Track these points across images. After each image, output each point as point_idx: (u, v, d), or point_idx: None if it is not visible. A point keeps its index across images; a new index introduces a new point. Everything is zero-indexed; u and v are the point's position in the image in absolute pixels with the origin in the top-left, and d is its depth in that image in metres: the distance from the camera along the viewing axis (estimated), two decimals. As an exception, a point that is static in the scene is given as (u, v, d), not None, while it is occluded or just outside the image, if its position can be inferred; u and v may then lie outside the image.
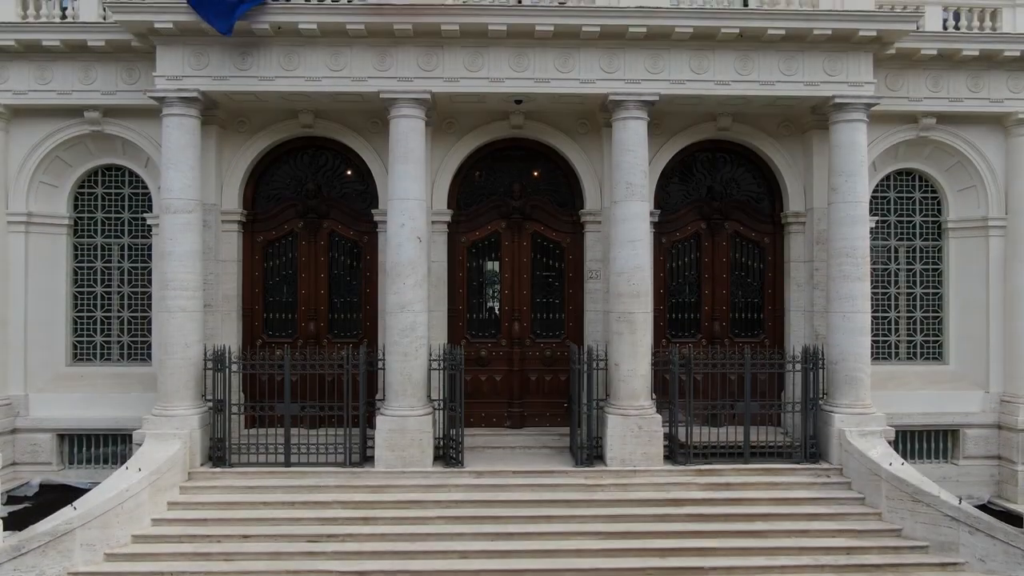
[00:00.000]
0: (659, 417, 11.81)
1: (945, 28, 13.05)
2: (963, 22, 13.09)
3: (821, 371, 12.21)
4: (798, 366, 12.12)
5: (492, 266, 13.53)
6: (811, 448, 11.98)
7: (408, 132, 11.81)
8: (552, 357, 13.41)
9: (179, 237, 11.63)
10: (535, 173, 13.58)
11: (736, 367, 11.98)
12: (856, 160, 12.05)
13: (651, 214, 12.69)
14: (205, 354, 11.92)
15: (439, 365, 12.08)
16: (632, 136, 11.93)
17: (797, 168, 13.29)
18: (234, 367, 11.87)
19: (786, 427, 12.93)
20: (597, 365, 12.06)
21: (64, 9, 12.65)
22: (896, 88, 12.96)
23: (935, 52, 12.63)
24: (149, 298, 13.30)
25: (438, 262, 13.02)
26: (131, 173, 13.36)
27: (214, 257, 12.65)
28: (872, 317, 12.88)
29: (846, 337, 12.01)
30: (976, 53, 12.68)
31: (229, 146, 12.92)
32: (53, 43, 12.17)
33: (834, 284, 12.15)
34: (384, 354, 11.94)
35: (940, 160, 13.64)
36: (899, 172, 13.84)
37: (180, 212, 11.65)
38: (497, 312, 13.50)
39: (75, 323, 13.41)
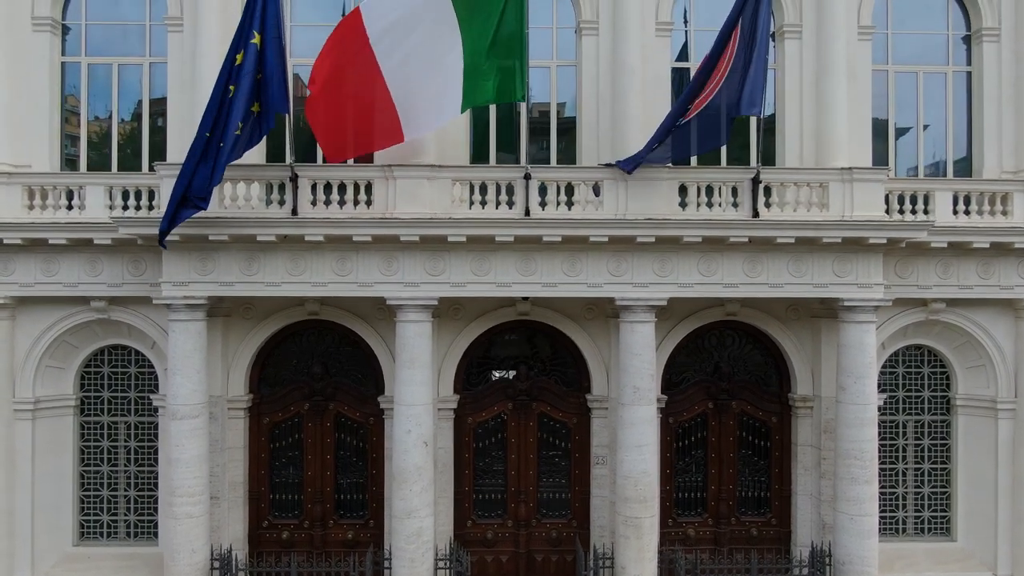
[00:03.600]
0: (665, 623, 11.81)
1: (955, 212, 12.91)
2: (973, 206, 12.97)
3: (828, 568, 12.20)
4: (805, 570, 12.09)
5: (498, 447, 13.47)
6: (818, 651, 11.97)
7: (415, 337, 11.78)
8: (558, 538, 13.37)
9: (186, 444, 11.64)
10: (541, 353, 13.52)
11: (742, 572, 11.94)
12: (865, 362, 11.98)
13: (658, 400, 12.66)
14: (212, 553, 11.95)
15: (445, 565, 12.10)
16: (640, 340, 11.88)
17: (805, 352, 13.21)
18: (241, 575, 11.88)
19: (793, 615, 12.89)
20: (603, 564, 12.08)
21: (70, 199, 12.61)
22: (905, 276, 12.87)
23: (945, 244, 12.54)
24: (155, 477, 13.30)
25: (444, 449, 12.99)
26: (137, 352, 13.33)
27: (220, 447, 12.64)
28: (880, 492, 12.88)
29: (853, 540, 11.95)
30: (987, 245, 12.59)
31: (235, 333, 12.90)
32: (59, 241, 12.16)
33: (841, 485, 12.09)
34: (390, 555, 11.94)
35: (949, 338, 13.55)
36: (908, 347, 13.74)
37: (187, 418, 11.65)
38: (503, 493, 13.44)
39: (82, 501, 13.42)
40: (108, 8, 13.39)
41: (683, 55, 13.66)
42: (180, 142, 12.87)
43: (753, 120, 12.97)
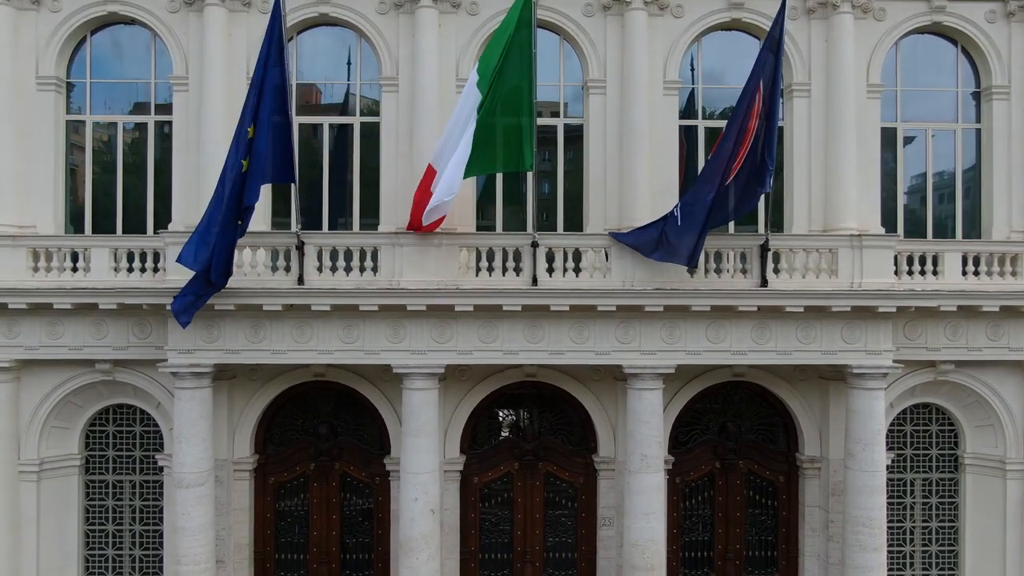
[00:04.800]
0: None
1: (964, 273, 12.85)
2: (983, 266, 12.89)
3: (836, 634, 12.17)
4: (813, 638, 12.05)
5: (504, 507, 13.41)
6: None
7: (422, 404, 11.74)
8: (564, 599, 13.36)
9: (192, 512, 11.60)
10: (548, 413, 13.47)
11: (751, 640, 11.92)
12: (873, 428, 11.93)
13: (665, 461, 12.60)
14: (217, 620, 11.94)
15: (452, 633, 12.07)
16: (647, 407, 11.84)
17: (813, 413, 13.15)
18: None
19: (800, 678, 12.86)
20: (610, 631, 12.04)
21: (75, 260, 12.55)
22: (914, 338, 12.81)
23: (955, 308, 12.46)
24: (161, 536, 13.24)
25: (450, 510, 12.93)
26: (142, 411, 13.29)
27: (225, 510, 12.60)
28: (887, 550, 12.77)
29: (862, 608, 11.91)
30: (996, 309, 12.52)
31: (241, 395, 12.85)
32: (64, 306, 12.10)
33: (850, 551, 12.04)
34: (397, 623, 11.92)
35: (958, 397, 13.48)
36: (916, 405, 13.68)
37: (193, 486, 11.62)
38: (509, 553, 13.38)
39: (87, 561, 13.37)
40: (113, 66, 13.34)
41: (689, 107, 13.57)
42: (185, 202, 12.87)
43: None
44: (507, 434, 13.48)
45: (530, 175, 11.96)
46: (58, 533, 13.04)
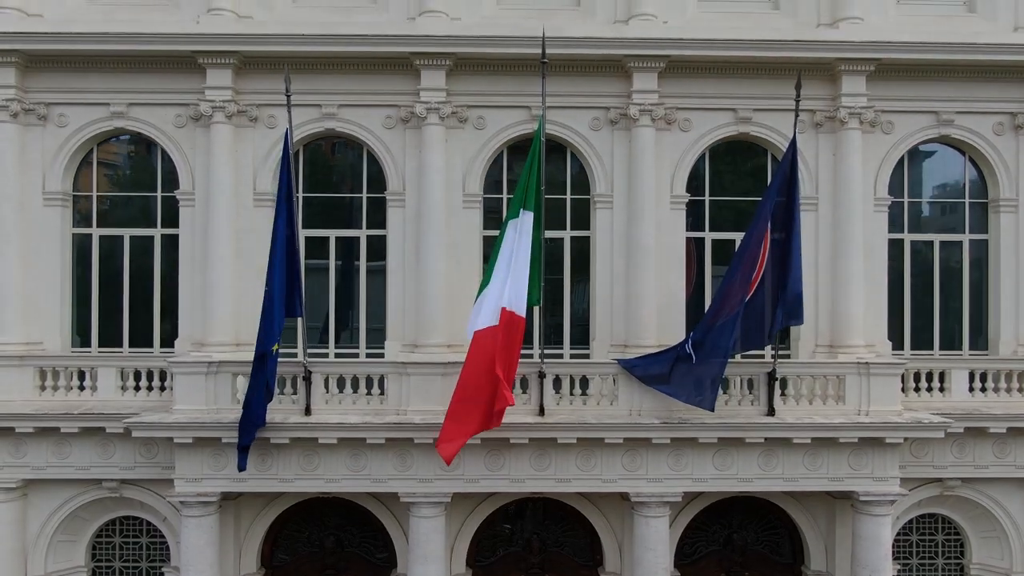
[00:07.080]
0: None
1: (971, 389, 12.88)
2: (990, 383, 12.90)
3: None
4: None
5: (511, 619, 13.45)
6: None
7: (428, 533, 11.75)
8: None
9: (199, 641, 11.61)
10: (554, 526, 13.45)
11: None
12: (880, 555, 11.94)
13: (671, 576, 12.64)
14: None
15: None
16: (654, 534, 11.85)
17: (819, 528, 13.12)
18: None
19: None
20: None
21: (82, 379, 12.57)
22: (920, 456, 12.80)
23: (962, 430, 12.46)
24: (167, 647, 13.29)
25: (456, 627, 12.96)
26: (148, 523, 13.29)
27: (234, 629, 12.63)
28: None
29: None
30: (1003, 430, 12.52)
31: (248, 513, 12.84)
32: (71, 430, 12.12)
33: (857, 676, 12.05)
34: None
35: (964, 508, 13.46)
36: (922, 516, 13.66)
37: (200, 616, 11.63)
38: (515, 666, 13.42)
39: (94, 672, 13.43)
40: (119, 179, 13.36)
41: (696, 218, 13.55)
42: (191, 317, 12.95)
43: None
44: (513, 547, 13.46)
45: (537, 311, 11.86)
46: (66, 647, 13.09)
